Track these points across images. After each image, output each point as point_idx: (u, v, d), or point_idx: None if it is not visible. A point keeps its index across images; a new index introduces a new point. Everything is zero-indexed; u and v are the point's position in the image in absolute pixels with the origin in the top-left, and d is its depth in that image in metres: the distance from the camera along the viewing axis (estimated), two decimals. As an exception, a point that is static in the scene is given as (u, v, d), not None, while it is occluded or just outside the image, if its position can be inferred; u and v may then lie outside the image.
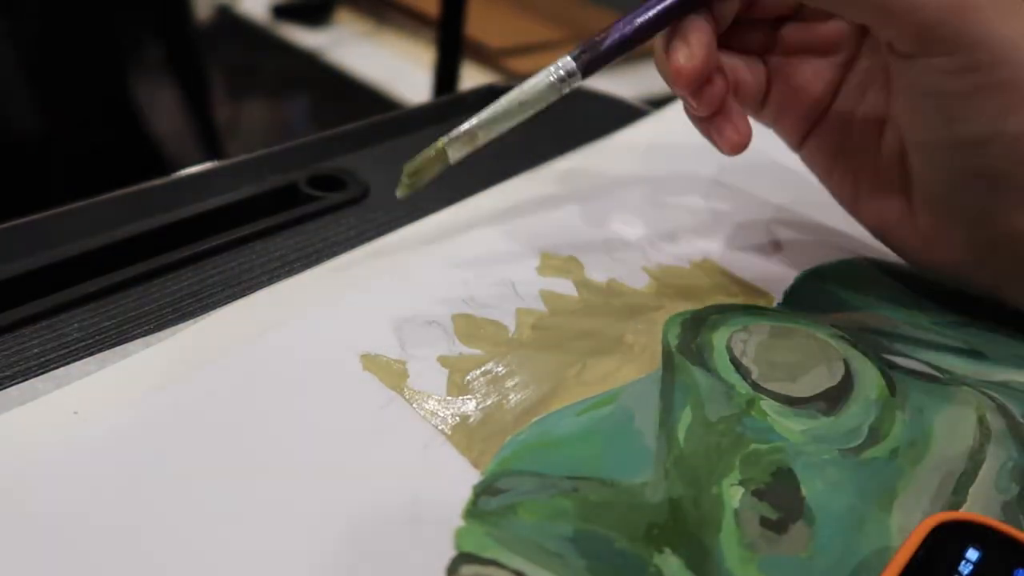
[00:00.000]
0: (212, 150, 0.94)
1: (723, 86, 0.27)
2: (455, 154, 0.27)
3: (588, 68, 0.27)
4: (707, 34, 0.26)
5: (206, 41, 1.10)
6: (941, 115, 0.25)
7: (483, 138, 0.27)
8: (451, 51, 0.86)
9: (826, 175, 0.31)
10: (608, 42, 0.27)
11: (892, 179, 0.29)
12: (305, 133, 0.39)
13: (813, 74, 0.30)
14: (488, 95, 0.45)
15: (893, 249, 0.30)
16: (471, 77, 0.96)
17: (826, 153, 0.30)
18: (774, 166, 0.35)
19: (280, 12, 1.18)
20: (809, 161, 0.31)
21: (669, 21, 0.26)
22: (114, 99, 0.89)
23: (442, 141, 0.27)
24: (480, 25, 1.00)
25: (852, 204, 0.30)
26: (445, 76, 0.87)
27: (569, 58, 0.27)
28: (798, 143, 0.31)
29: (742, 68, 0.29)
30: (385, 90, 1.03)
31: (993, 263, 0.27)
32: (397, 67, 1.08)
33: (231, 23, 1.21)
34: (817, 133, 0.30)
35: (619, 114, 0.42)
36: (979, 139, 0.25)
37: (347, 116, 0.42)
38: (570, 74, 0.26)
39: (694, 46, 0.26)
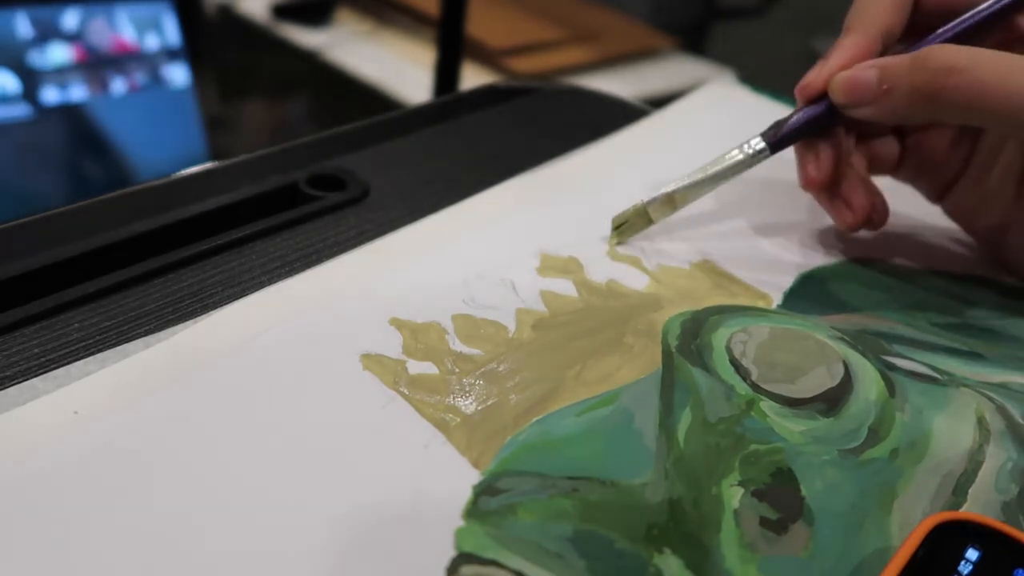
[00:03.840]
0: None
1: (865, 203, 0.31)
2: (656, 214, 0.31)
3: (775, 146, 0.31)
4: (834, 152, 0.31)
5: (206, 41, 1.10)
6: None
7: (679, 202, 0.31)
8: (451, 51, 0.86)
9: (969, 226, 0.33)
10: (789, 125, 0.31)
11: None
12: (305, 133, 0.39)
13: (945, 140, 0.32)
14: (488, 95, 0.45)
15: None
16: (471, 77, 0.96)
17: (966, 207, 0.32)
18: (774, 166, 0.35)
19: (280, 12, 1.18)
20: (951, 214, 0.33)
21: (829, 127, 0.31)
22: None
23: (643, 201, 0.31)
24: (480, 25, 1.00)
25: (1000, 253, 0.32)
26: (445, 76, 0.87)
27: (759, 137, 0.31)
28: (937, 198, 0.33)
29: (877, 143, 0.33)
30: (385, 90, 1.03)
31: None
32: (397, 67, 1.08)
33: (231, 23, 1.21)
34: (956, 189, 0.32)
35: (619, 114, 0.42)
36: None
37: (347, 116, 0.42)
38: (759, 151, 0.31)
39: (823, 160, 0.31)
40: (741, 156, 0.31)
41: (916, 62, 0.28)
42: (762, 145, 0.31)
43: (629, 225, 0.31)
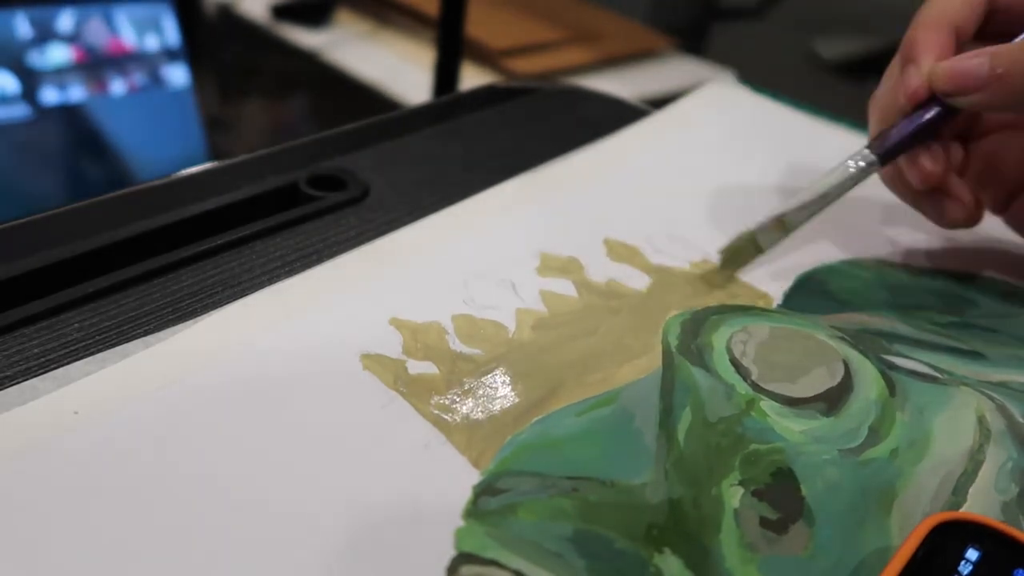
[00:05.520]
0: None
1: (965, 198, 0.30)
2: (765, 241, 0.30)
3: (884, 157, 0.30)
4: (945, 155, 0.30)
5: (206, 41, 1.10)
6: None
7: (789, 227, 0.30)
8: (451, 51, 0.86)
9: None
10: (894, 136, 0.30)
11: None
12: (305, 133, 0.39)
13: (1007, 148, 0.32)
14: (488, 95, 0.45)
15: None
16: (471, 77, 0.96)
17: None
18: (774, 166, 0.35)
19: (280, 12, 1.18)
20: (1014, 225, 0.33)
21: (936, 130, 0.30)
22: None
23: (751, 228, 0.30)
24: (480, 25, 1.00)
25: None
26: (445, 76, 0.87)
27: (867, 150, 0.30)
28: (1001, 209, 0.33)
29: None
30: (385, 90, 1.03)
31: None
32: (397, 67, 1.07)
33: (231, 23, 1.21)
34: (1020, 200, 0.32)
35: (619, 114, 0.42)
36: None
37: (347, 116, 0.42)
38: (870, 163, 0.30)
39: (939, 160, 0.30)
40: (853, 170, 0.30)
41: None
42: (872, 157, 0.30)
43: (736, 254, 0.30)
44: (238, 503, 0.20)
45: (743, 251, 0.30)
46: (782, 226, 0.30)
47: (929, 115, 0.30)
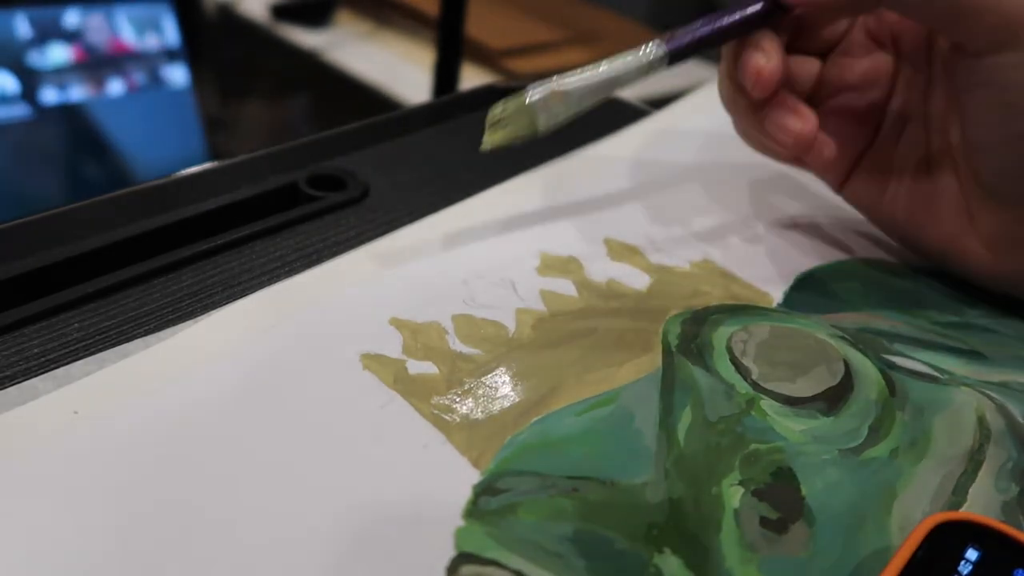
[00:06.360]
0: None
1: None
2: (543, 117, 0.26)
3: (674, 54, 0.28)
4: (778, 42, 0.28)
5: (206, 41, 1.10)
6: (1007, 110, 0.26)
7: (568, 101, 0.27)
8: (451, 51, 0.86)
9: (875, 212, 0.32)
10: (692, 29, 0.28)
11: (948, 198, 0.29)
12: (305, 133, 0.39)
13: (848, 71, 0.31)
14: (488, 95, 0.45)
15: (960, 270, 0.30)
16: (471, 77, 0.96)
17: (872, 191, 0.31)
18: (774, 166, 0.35)
19: (280, 12, 1.18)
20: (854, 200, 0.32)
21: (743, 31, 0.28)
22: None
23: (523, 97, 0.26)
24: (480, 25, 1.00)
25: (906, 234, 0.31)
26: (445, 76, 0.87)
27: (660, 41, 0.28)
28: (839, 184, 0.32)
29: (797, 62, 0.31)
30: (385, 90, 1.03)
31: None
32: (397, 67, 1.08)
33: (231, 23, 1.21)
34: (859, 173, 0.32)
35: (619, 114, 0.42)
36: None
37: (347, 116, 0.42)
38: (658, 57, 0.28)
39: (769, 51, 0.28)
40: (642, 57, 0.28)
41: None
42: (662, 51, 0.28)
43: (507, 123, 0.26)
44: (238, 503, 0.20)
45: (517, 121, 0.26)
46: (561, 99, 0.26)
47: (747, 11, 0.28)
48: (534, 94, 0.26)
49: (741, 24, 0.28)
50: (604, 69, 0.27)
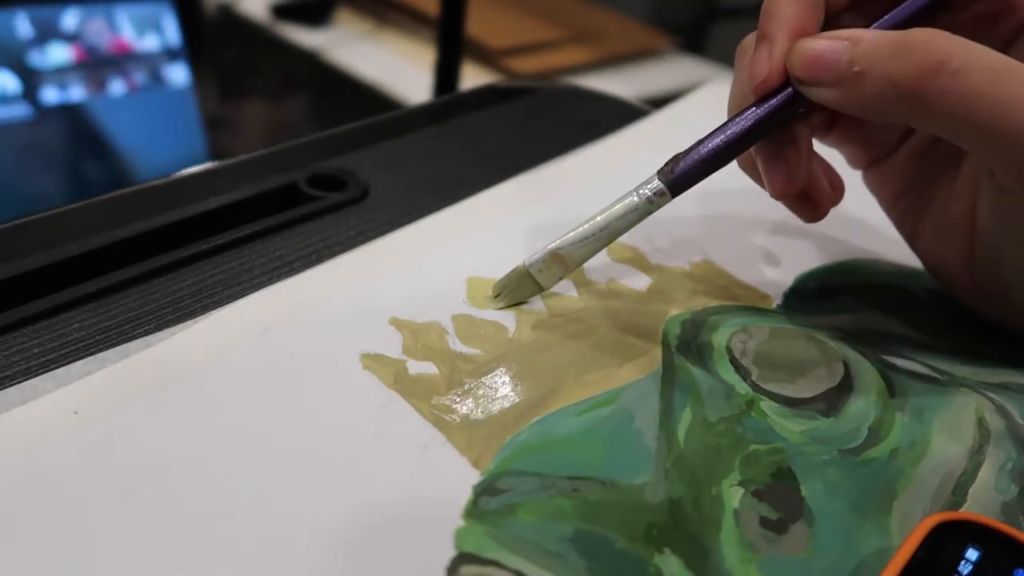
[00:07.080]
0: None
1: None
2: (544, 278, 0.27)
3: (675, 187, 0.26)
4: (809, 145, 0.26)
5: (206, 41, 1.10)
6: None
7: (570, 263, 0.27)
8: (451, 51, 0.86)
9: (890, 206, 0.31)
10: (689, 159, 0.26)
11: (957, 226, 0.27)
12: (305, 133, 0.39)
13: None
14: (488, 95, 0.45)
15: (944, 287, 0.30)
16: (471, 77, 0.96)
17: (893, 184, 0.30)
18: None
19: (280, 12, 1.18)
20: (873, 187, 0.31)
21: (758, 138, 0.25)
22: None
23: (524, 263, 0.27)
24: (480, 25, 1.00)
25: (911, 239, 0.30)
26: (445, 76, 0.87)
27: (657, 178, 0.26)
28: (864, 167, 0.31)
29: None
30: (385, 90, 1.03)
31: None
32: (397, 67, 1.08)
33: (231, 23, 1.21)
34: (884, 164, 0.30)
35: (619, 114, 0.42)
36: None
37: (347, 116, 0.42)
38: (657, 194, 0.26)
39: (793, 166, 0.25)
40: (638, 201, 0.26)
41: (899, 47, 0.22)
42: (659, 186, 0.26)
43: (511, 290, 0.27)
44: (238, 502, 0.20)
45: (520, 287, 0.27)
46: (560, 261, 0.26)
47: (762, 113, 0.25)
48: (531, 262, 0.27)
49: (757, 127, 0.25)
50: (600, 220, 0.26)
